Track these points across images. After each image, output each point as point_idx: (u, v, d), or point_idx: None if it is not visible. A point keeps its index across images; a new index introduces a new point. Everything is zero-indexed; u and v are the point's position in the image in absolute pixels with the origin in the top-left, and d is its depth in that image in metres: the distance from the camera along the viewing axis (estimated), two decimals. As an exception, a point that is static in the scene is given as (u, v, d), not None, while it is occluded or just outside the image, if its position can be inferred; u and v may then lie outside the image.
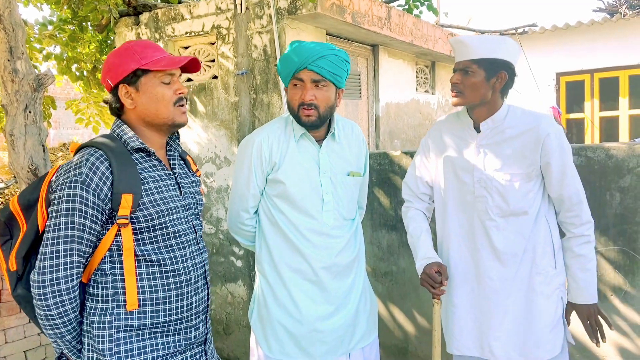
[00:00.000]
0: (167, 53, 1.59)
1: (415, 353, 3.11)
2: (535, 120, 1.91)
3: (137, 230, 1.51)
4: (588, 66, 8.00)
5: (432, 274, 1.98)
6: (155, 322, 1.54)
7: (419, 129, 5.62)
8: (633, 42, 7.73)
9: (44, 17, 5.06)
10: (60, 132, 13.75)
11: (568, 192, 1.90)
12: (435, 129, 2.16)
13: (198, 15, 4.00)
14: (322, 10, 3.52)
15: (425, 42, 5.09)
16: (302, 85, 1.92)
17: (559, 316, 1.96)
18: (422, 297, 3.05)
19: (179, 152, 1.72)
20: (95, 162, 1.46)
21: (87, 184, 1.44)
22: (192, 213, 1.67)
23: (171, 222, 1.56)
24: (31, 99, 1.79)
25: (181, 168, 1.71)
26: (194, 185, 1.74)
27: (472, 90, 1.90)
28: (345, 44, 4.50)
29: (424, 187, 2.18)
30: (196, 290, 1.62)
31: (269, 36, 3.65)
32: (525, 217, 1.93)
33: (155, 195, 1.54)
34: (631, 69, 7.84)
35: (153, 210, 1.52)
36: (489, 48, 1.87)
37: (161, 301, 1.54)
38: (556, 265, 1.96)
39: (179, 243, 1.59)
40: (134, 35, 4.38)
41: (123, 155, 1.52)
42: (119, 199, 1.46)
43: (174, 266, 1.56)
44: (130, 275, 1.50)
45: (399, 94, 5.25)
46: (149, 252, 1.53)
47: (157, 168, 1.60)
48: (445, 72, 6.28)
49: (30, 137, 1.84)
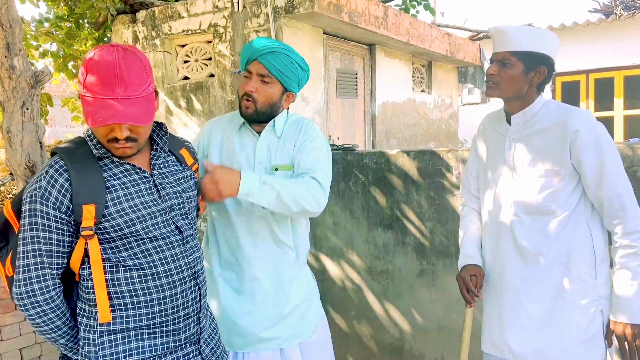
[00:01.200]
0: (114, 97, 1.36)
1: (410, 351, 3.12)
2: (564, 115, 1.79)
3: (109, 239, 1.45)
4: (583, 67, 8.04)
5: (466, 280, 1.94)
6: (139, 325, 1.49)
7: (415, 128, 5.64)
8: (628, 43, 7.77)
9: (41, 14, 5.05)
10: (56, 130, 13.70)
11: (607, 195, 1.74)
12: (481, 123, 2.11)
13: (195, 14, 4.00)
14: (319, 9, 3.53)
15: (421, 41, 5.10)
16: (249, 77, 1.92)
17: (596, 331, 1.79)
18: (417, 295, 3.07)
19: (165, 149, 1.62)
20: (54, 174, 1.42)
21: (46, 198, 1.40)
22: (177, 214, 1.57)
23: (145, 228, 1.48)
24: (28, 96, 1.79)
25: (165, 167, 1.61)
26: (182, 182, 1.63)
27: (509, 83, 1.82)
28: (342, 43, 4.51)
29: (475, 183, 2.12)
30: (183, 293, 1.54)
31: (266, 35, 3.65)
32: (552, 217, 1.82)
33: (123, 203, 1.45)
34: (626, 69, 7.89)
35: (121, 220, 1.44)
36: (531, 40, 1.78)
37: (142, 305, 1.48)
38: (596, 276, 1.79)
39: (157, 247, 1.51)
40: (130, 33, 4.38)
41: (87, 162, 1.45)
42: (80, 211, 1.40)
43: (153, 270, 1.49)
44: (100, 288, 1.44)
45: (396, 93, 5.27)
46: (125, 258, 1.47)
47: (129, 173, 1.51)
48: (442, 71, 6.30)
49: (27, 134, 1.84)
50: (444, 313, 3.01)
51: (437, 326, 3.04)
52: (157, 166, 1.58)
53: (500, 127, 1.98)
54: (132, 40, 4.38)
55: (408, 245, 3.09)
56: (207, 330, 1.69)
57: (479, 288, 1.95)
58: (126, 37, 4.42)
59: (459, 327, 2.97)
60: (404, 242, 3.10)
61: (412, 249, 3.07)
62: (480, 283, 1.96)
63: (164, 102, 4.25)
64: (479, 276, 1.96)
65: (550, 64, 1.82)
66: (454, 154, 2.91)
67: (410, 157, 3.05)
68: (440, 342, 3.04)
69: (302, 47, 3.84)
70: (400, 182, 3.09)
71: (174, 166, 1.64)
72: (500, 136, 1.97)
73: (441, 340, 3.03)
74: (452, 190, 2.93)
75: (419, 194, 3.03)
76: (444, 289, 2.99)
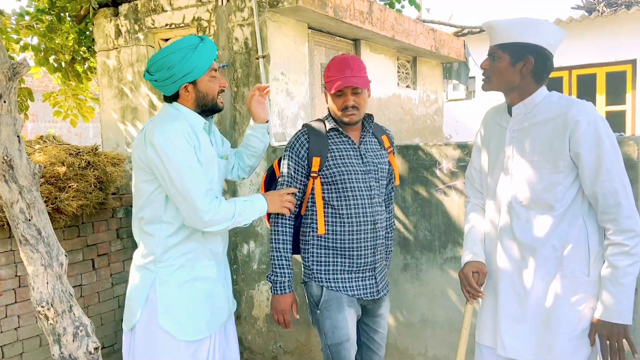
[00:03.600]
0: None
1: (394, 345, 3.14)
2: (566, 106, 1.78)
3: (326, 182, 2.21)
4: (566, 63, 8.13)
5: (468, 276, 1.94)
6: (333, 245, 2.22)
7: (400, 124, 5.66)
8: (610, 40, 7.87)
9: (22, 7, 4.97)
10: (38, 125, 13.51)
11: (602, 190, 1.72)
12: (484, 117, 2.13)
13: (179, 7, 3.97)
14: (304, 3, 3.51)
15: (406, 37, 5.11)
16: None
17: (584, 328, 1.80)
18: (401, 289, 3.09)
19: (370, 132, 2.33)
20: (300, 136, 2.24)
21: (292, 149, 2.24)
22: (372, 177, 2.24)
23: (348, 180, 2.19)
24: (5, 89, 1.75)
25: (369, 144, 2.30)
26: (379, 156, 2.30)
27: (498, 75, 1.86)
28: (327, 38, 4.50)
29: (478, 178, 2.12)
30: (364, 230, 2.21)
31: (250, 29, 3.63)
32: (551, 212, 1.81)
33: (337, 159, 2.20)
34: (608, 65, 7.99)
35: (335, 170, 2.18)
36: (517, 31, 1.80)
37: (339, 232, 2.21)
38: (589, 273, 1.79)
39: (353, 195, 2.21)
40: (113, 27, 4.33)
41: (320, 132, 2.24)
42: (311, 160, 2.20)
43: (348, 210, 2.21)
44: (320, 210, 2.22)
45: (381, 88, 5.27)
46: (333, 197, 2.22)
47: (344, 142, 2.24)
48: (427, 67, 6.31)
49: (4, 128, 1.81)
50: (427, 307, 3.03)
51: (421, 320, 3.06)
52: (363, 142, 2.29)
53: (502, 120, 1.98)
54: (114, 33, 4.33)
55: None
56: (380, 263, 2.32)
57: (480, 285, 1.95)
58: (108, 31, 4.36)
59: (442, 321, 2.99)
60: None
61: (397, 244, 3.08)
62: (482, 280, 1.95)
63: (148, 97, 4.21)
64: (482, 273, 1.95)
65: (542, 53, 1.81)
66: (438, 149, 2.92)
67: (395, 152, 3.05)
68: (424, 336, 3.06)
69: (286, 42, 3.82)
70: (385, 177, 3.09)
71: (375, 145, 2.33)
72: (502, 128, 1.97)
73: (425, 334, 3.05)
74: (437, 185, 2.94)
75: (403, 188, 3.04)
76: (428, 283, 3.01)
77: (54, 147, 3.35)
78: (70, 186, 3.20)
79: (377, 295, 2.28)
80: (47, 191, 3.10)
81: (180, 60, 2.01)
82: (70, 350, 2.02)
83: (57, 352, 2.02)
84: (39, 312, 2.03)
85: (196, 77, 2.06)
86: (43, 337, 3.23)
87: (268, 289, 3.51)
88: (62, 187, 3.19)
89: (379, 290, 2.29)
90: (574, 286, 1.80)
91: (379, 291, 2.29)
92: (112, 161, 3.60)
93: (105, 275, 3.71)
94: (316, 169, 2.19)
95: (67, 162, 3.24)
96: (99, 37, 4.45)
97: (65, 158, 3.26)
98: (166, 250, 2.06)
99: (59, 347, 2.03)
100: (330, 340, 2.21)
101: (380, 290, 2.30)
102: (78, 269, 3.52)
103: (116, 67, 4.37)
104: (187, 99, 2.10)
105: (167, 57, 2.03)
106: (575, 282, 1.80)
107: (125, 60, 4.32)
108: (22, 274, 3.14)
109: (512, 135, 1.91)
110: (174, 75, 2.03)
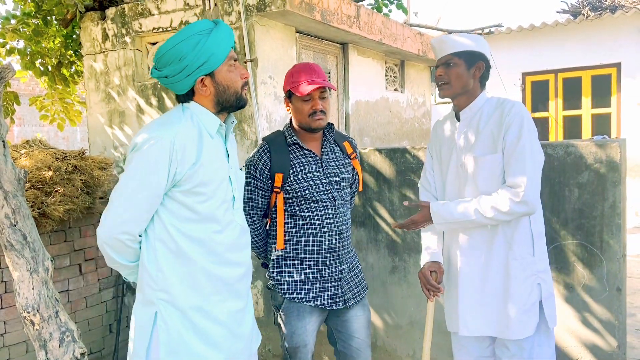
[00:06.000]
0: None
1: (383, 347, 3.15)
2: (503, 103, 2.05)
3: (289, 197, 2.21)
4: (552, 66, 8.22)
5: (426, 275, 2.13)
6: (297, 256, 2.23)
7: (388, 127, 5.68)
8: (595, 43, 7.97)
9: (7, 10, 4.93)
10: (25, 130, 13.39)
11: (515, 159, 1.94)
12: (433, 127, 2.35)
13: (166, 11, 3.96)
14: (291, 7, 3.53)
15: (394, 40, 5.14)
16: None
17: (534, 301, 2.03)
18: (389, 292, 3.10)
19: (331, 141, 2.32)
20: (262, 154, 2.21)
21: (255, 167, 2.21)
22: (334, 187, 2.24)
23: (310, 193, 2.19)
24: (-9, 94, 1.75)
25: (330, 153, 2.29)
26: (341, 165, 2.31)
27: (456, 79, 2.07)
28: (315, 41, 4.52)
29: (433, 182, 2.31)
30: (329, 241, 2.22)
31: (238, 33, 3.64)
32: None
33: (299, 175, 2.18)
34: (593, 69, 8.08)
35: (297, 186, 2.17)
36: (466, 42, 2.07)
37: (303, 242, 2.23)
38: (534, 253, 2.04)
39: (317, 207, 2.22)
40: (100, 31, 4.31)
41: (282, 147, 2.21)
42: (274, 176, 2.17)
43: (313, 221, 2.21)
44: (280, 226, 2.24)
45: (369, 92, 5.30)
46: (296, 210, 2.22)
47: (305, 155, 2.23)
48: (414, 70, 6.35)
49: (-10, 133, 1.80)
50: (416, 309, 3.04)
51: (409, 322, 3.07)
52: (325, 152, 2.27)
53: (451, 125, 2.21)
54: (101, 37, 4.31)
55: (380, 242, 3.11)
56: (348, 273, 2.31)
57: (439, 283, 2.13)
58: (95, 34, 4.35)
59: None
60: (377, 239, 3.12)
61: (385, 246, 3.10)
62: (440, 278, 2.15)
63: (135, 100, 4.20)
64: (439, 272, 2.16)
65: (486, 61, 2.10)
66: (425, 152, 2.95)
67: (383, 155, 3.07)
68: (412, 337, 3.07)
69: (274, 46, 3.83)
70: (373, 180, 3.11)
71: (337, 153, 2.32)
72: (449, 132, 2.20)
73: (413, 336, 3.07)
74: (423, 187, 2.97)
75: (391, 191, 3.06)
76: (416, 285, 3.03)
77: (40, 152, 3.33)
78: (57, 190, 3.18)
79: (344, 304, 2.28)
80: (34, 196, 3.08)
81: (193, 48, 1.67)
82: (57, 356, 2.02)
83: (44, 358, 2.01)
84: (24, 318, 2.01)
85: (213, 68, 1.72)
86: (30, 343, 3.21)
87: (256, 293, 3.51)
88: (49, 191, 3.17)
89: (346, 299, 2.28)
90: (522, 266, 2.03)
91: (346, 300, 2.28)
92: (99, 165, 3.58)
93: (92, 280, 3.69)
94: (279, 184, 2.18)
95: (53, 166, 3.22)
96: (86, 41, 4.43)
97: (52, 162, 3.24)
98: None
99: (45, 352, 2.02)
100: (288, 344, 2.26)
101: (347, 299, 2.28)
102: (65, 274, 3.50)
103: (103, 70, 4.36)
104: (205, 95, 1.76)
105: (177, 47, 1.68)
106: (524, 262, 2.03)
107: (113, 64, 4.30)
108: (8, 279, 3.12)
109: (461, 136, 2.12)
110: (188, 67, 1.69)
